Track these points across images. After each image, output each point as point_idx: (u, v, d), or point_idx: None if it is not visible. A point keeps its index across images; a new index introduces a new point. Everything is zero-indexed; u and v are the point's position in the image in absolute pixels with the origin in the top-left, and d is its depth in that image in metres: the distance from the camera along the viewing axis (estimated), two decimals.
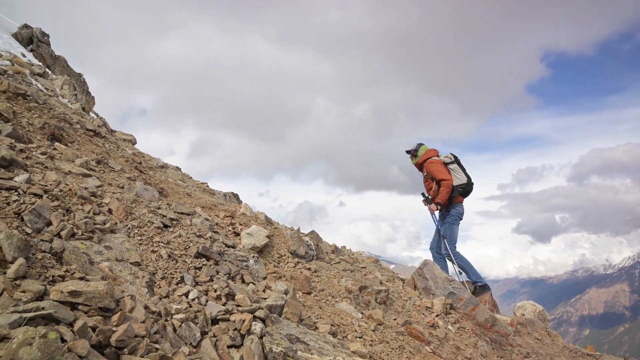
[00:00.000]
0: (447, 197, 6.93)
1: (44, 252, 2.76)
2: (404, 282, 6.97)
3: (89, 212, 3.46)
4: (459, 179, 6.98)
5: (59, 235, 2.98)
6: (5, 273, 2.38)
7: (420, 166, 7.43)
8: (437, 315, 5.56)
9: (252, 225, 5.51)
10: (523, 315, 7.82)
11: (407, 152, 7.51)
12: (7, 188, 3.11)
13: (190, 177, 8.42)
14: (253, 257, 4.69)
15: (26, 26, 17.76)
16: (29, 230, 2.85)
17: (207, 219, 4.94)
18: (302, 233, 6.90)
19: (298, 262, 5.48)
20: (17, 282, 2.35)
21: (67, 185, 3.62)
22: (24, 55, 14.50)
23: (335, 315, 4.40)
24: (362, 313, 4.83)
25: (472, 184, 7.12)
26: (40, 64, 15.71)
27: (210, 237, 4.46)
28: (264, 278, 4.57)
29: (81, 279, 2.67)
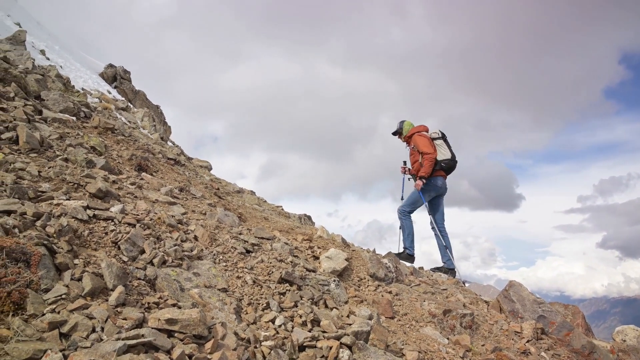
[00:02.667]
0: (429, 170, 7.01)
1: (139, 279, 2.93)
2: (488, 305, 6.63)
3: (177, 239, 3.64)
4: (443, 154, 7.11)
5: (151, 262, 3.15)
6: (107, 300, 2.54)
7: (408, 140, 7.57)
8: (528, 341, 5.20)
9: (330, 249, 5.52)
10: (624, 341, 7.09)
11: (393, 134, 7.68)
12: (105, 218, 3.35)
13: (265, 201, 8.65)
14: (334, 281, 4.68)
15: (111, 65, 19.48)
16: (125, 259, 3.04)
17: (286, 243, 5.01)
18: (379, 254, 6.79)
19: (378, 285, 5.39)
20: (118, 309, 2.50)
21: (156, 214, 3.84)
22: (109, 92, 15.90)
23: (421, 341, 4.26)
24: (448, 338, 4.64)
25: (456, 161, 7.24)
26: (123, 98, 17.12)
27: (291, 262, 4.50)
28: (346, 302, 4.53)
29: (174, 305, 2.79)
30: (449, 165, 7.17)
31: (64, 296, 2.42)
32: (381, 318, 4.40)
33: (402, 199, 7.78)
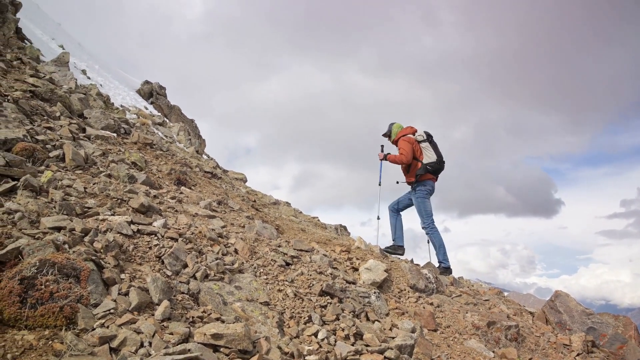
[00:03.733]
0: (393, 162, 7.24)
1: (183, 293, 2.97)
2: (533, 316, 6.41)
3: (218, 253, 3.68)
4: (429, 157, 7.12)
5: (194, 276, 3.19)
6: (153, 315, 2.58)
7: (395, 143, 7.63)
8: (578, 355, 4.98)
9: (369, 260, 5.47)
10: None
11: (383, 135, 7.73)
12: (148, 233, 3.43)
13: (301, 212, 8.67)
14: (374, 293, 4.63)
15: (147, 82, 20.11)
16: (168, 273, 3.10)
17: (325, 255, 5.00)
18: (417, 264, 6.68)
19: (419, 297, 5.29)
20: (164, 323, 2.53)
21: (197, 227, 3.90)
22: (146, 108, 16.39)
23: (466, 355, 4.14)
24: (493, 352, 4.49)
25: (443, 162, 7.26)
26: (159, 114, 17.61)
27: (331, 274, 4.48)
28: (387, 314, 4.47)
29: (217, 319, 2.82)
30: (435, 168, 7.16)
31: (112, 311, 2.48)
32: (424, 331, 4.32)
33: (379, 184, 7.92)
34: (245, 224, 4.93)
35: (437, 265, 7.20)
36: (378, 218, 7.80)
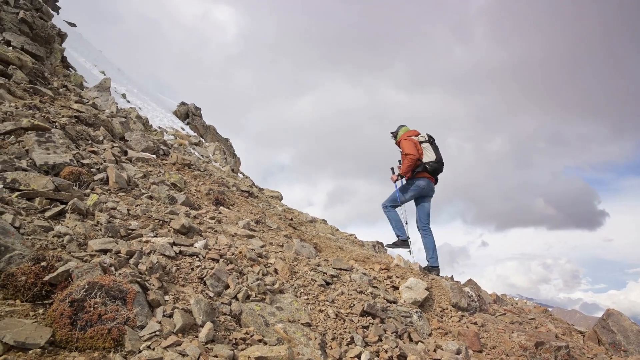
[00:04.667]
0: (407, 170, 7.31)
1: (225, 314, 2.99)
2: (584, 336, 6.12)
3: (258, 273, 3.70)
4: (428, 157, 7.37)
5: (236, 297, 3.21)
6: (197, 337, 2.60)
7: (398, 145, 7.87)
8: None
9: (409, 278, 5.37)
10: None
11: (391, 133, 8.01)
12: (190, 254, 3.49)
13: (338, 229, 8.65)
14: (416, 312, 4.53)
15: (183, 103, 20.73)
16: (211, 294, 3.13)
17: (364, 274, 4.94)
18: (456, 281, 6.52)
19: (462, 316, 5.15)
20: (209, 345, 2.55)
21: (237, 248, 3.94)
22: (182, 129, 16.85)
23: None
24: None
25: (442, 163, 7.49)
26: (195, 134, 18.07)
27: (371, 293, 4.43)
28: (430, 335, 4.36)
29: (260, 341, 2.81)
30: (434, 168, 7.35)
31: (157, 333, 2.51)
32: (469, 352, 4.19)
33: (399, 205, 7.95)
34: (284, 243, 4.94)
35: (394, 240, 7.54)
36: (408, 237, 7.77)
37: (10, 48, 7.95)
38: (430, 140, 7.50)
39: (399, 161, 7.91)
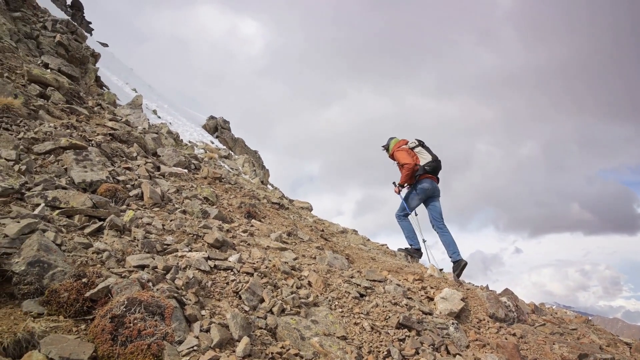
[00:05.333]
0: (406, 179, 7.59)
1: (261, 328, 3.00)
2: (630, 347, 5.86)
3: (292, 286, 3.70)
4: (424, 159, 7.59)
5: (271, 311, 3.22)
6: (234, 351, 2.61)
7: (392, 158, 8.13)
8: None
9: (444, 289, 5.28)
10: None
11: (382, 147, 8.27)
12: (225, 268, 3.53)
13: (369, 240, 8.60)
14: (452, 324, 4.44)
15: (212, 117, 21.12)
16: (246, 308, 3.15)
17: (398, 285, 4.89)
18: (492, 290, 6.38)
19: (500, 327, 5.02)
20: None
21: (270, 261, 3.96)
22: (212, 142, 17.15)
23: None
24: None
25: (439, 161, 7.67)
26: (225, 147, 18.35)
27: (406, 305, 4.37)
28: (467, 347, 4.27)
29: (296, 355, 2.81)
30: (433, 167, 7.56)
31: (195, 348, 2.54)
32: None
33: (415, 214, 8.29)
34: (316, 255, 4.94)
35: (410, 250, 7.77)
36: (424, 241, 8.13)
37: (48, 70, 8.28)
38: (421, 144, 7.77)
39: (394, 182, 8.12)
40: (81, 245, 3.19)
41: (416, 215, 8.07)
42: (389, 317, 3.92)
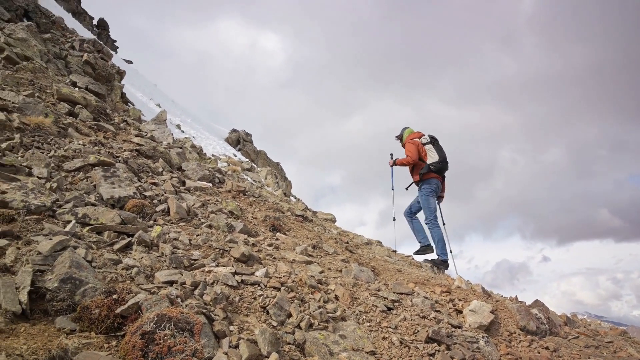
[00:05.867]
0: (401, 164, 7.89)
1: (289, 344, 2.98)
2: None
3: (319, 300, 3.68)
4: (432, 158, 7.68)
5: (299, 326, 3.21)
6: None
7: (404, 146, 8.27)
8: None
9: (472, 301, 5.18)
10: None
11: (396, 137, 8.42)
12: (252, 283, 3.53)
13: (394, 251, 8.51)
14: (483, 337, 4.35)
15: (234, 130, 21.37)
16: (274, 323, 3.14)
17: (426, 297, 4.82)
18: (522, 301, 6.23)
19: (532, 340, 4.89)
20: None
21: (297, 275, 3.96)
22: (234, 155, 17.32)
23: None
24: None
25: (446, 162, 7.80)
26: (247, 160, 18.52)
27: (435, 318, 4.30)
28: None
29: None
30: (438, 167, 7.65)
31: None
32: None
33: (392, 188, 8.63)
34: (342, 267, 4.92)
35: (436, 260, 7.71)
36: (394, 219, 8.42)
37: (76, 89, 8.51)
38: (433, 142, 7.83)
39: (391, 154, 8.45)
40: (111, 262, 3.24)
41: (444, 224, 8.04)
42: (418, 331, 3.86)
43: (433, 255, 7.82)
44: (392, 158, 8.25)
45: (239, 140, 20.58)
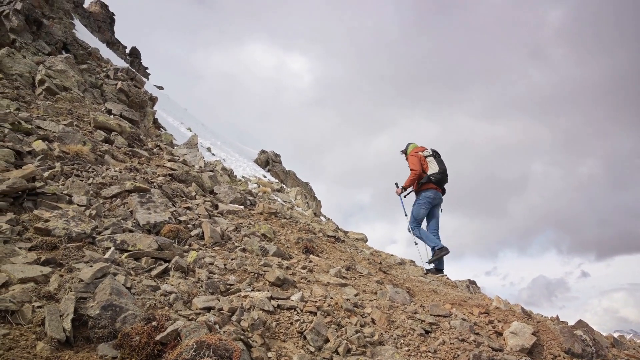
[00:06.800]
0: (410, 184, 8.27)
1: None
2: None
3: (356, 324, 3.64)
4: (432, 169, 8.12)
5: (336, 352, 3.17)
6: None
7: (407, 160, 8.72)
8: None
9: (512, 322, 5.03)
10: None
11: (401, 151, 8.88)
12: (288, 308, 3.53)
13: (426, 273, 8.38)
14: None
15: (263, 151, 21.63)
16: (312, 349, 3.12)
17: (464, 319, 4.70)
18: (563, 321, 6.00)
19: None
20: None
21: (332, 298, 3.93)
22: (264, 176, 17.50)
23: None
24: None
25: (446, 174, 8.21)
26: (277, 180, 18.67)
27: (474, 341, 4.18)
28: None
29: None
30: (437, 178, 8.05)
31: None
32: None
33: (405, 215, 8.91)
34: (377, 289, 4.86)
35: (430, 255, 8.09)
36: (416, 244, 8.66)
37: (112, 116, 8.82)
38: (434, 154, 8.28)
39: (396, 183, 8.81)
40: (149, 288, 3.30)
41: (437, 229, 8.43)
42: (458, 355, 3.76)
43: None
44: (397, 187, 8.62)
45: (268, 161, 20.81)
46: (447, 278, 8.25)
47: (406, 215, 8.95)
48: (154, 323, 2.85)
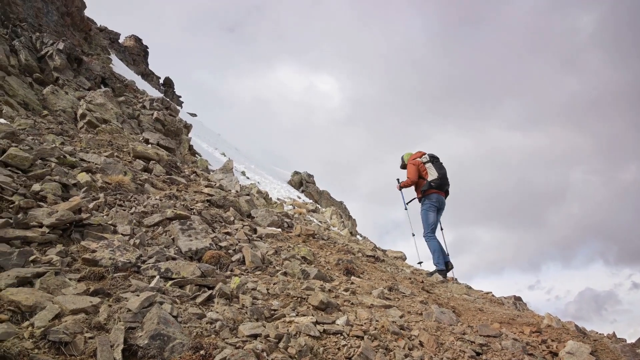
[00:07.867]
0: (404, 186, 8.79)
1: None
2: None
3: (404, 347, 3.55)
4: (432, 175, 8.34)
5: None
6: None
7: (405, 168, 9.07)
8: None
9: (568, 342, 4.80)
10: None
11: (401, 167, 9.20)
12: (334, 333, 3.47)
13: (471, 287, 8.15)
14: None
15: (296, 172, 21.77)
16: None
17: (515, 340, 4.52)
18: (622, 338, 5.69)
19: None
20: None
21: (378, 321, 3.85)
22: (298, 197, 17.57)
23: None
24: None
25: (446, 179, 8.43)
26: (311, 201, 18.71)
27: None
28: None
29: None
30: (438, 184, 8.29)
31: None
32: None
33: (405, 209, 9.50)
34: (422, 310, 4.74)
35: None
36: (413, 235, 9.36)
37: (149, 145, 9.07)
38: (432, 160, 8.52)
39: (397, 179, 9.29)
40: (195, 316, 3.31)
41: (442, 229, 8.89)
42: None
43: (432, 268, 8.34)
44: (398, 182, 9.10)
45: (301, 182, 20.91)
46: (492, 295, 7.99)
47: (406, 209, 9.51)
48: (202, 352, 2.85)
